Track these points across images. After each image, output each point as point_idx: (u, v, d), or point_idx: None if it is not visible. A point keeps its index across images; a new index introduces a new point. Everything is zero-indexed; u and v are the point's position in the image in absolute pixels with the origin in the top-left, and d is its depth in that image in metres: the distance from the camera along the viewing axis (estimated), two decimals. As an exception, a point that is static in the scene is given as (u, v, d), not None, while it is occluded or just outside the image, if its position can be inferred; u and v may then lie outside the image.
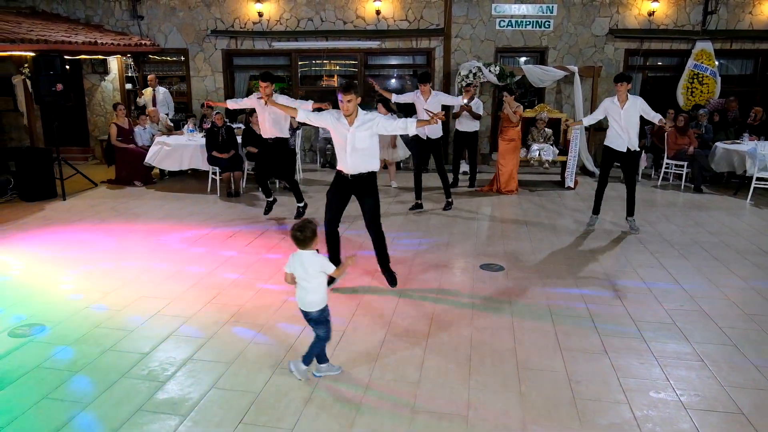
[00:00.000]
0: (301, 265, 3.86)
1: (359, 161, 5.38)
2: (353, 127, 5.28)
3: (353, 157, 5.35)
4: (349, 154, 5.34)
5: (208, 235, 7.38)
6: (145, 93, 12.16)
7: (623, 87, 7.30)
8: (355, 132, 5.27)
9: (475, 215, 8.48)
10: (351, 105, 5.18)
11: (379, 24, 12.17)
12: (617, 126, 7.41)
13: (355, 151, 5.33)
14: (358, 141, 5.30)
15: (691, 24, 11.77)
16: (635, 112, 7.33)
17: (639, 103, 7.35)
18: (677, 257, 6.64)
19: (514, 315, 5.07)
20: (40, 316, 4.96)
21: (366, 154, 5.39)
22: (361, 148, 5.33)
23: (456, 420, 3.55)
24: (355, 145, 5.31)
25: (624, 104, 7.33)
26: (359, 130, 5.28)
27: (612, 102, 7.46)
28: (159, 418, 3.55)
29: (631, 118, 7.34)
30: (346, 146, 5.33)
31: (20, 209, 8.68)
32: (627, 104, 7.32)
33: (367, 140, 5.33)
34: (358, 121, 5.29)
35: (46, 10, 12.71)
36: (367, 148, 5.37)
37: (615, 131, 7.46)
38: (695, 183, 10.16)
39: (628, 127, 7.35)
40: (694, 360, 4.32)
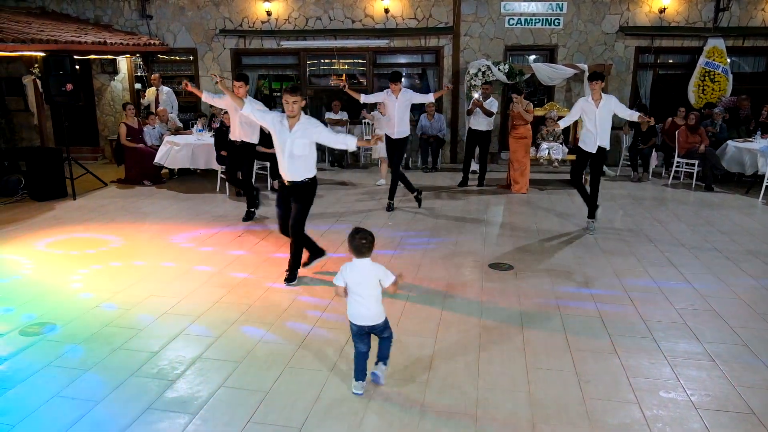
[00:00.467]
0: (360, 275, 3.69)
1: (296, 168, 5.39)
2: (293, 133, 5.30)
3: (291, 163, 5.37)
4: (286, 159, 5.36)
5: (217, 234, 7.40)
6: (148, 93, 12.18)
7: (597, 85, 7.31)
8: (294, 138, 5.29)
9: (483, 214, 8.46)
10: (296, 107, 5.24)
11: (387, 22, 12.16)
12: (590, 125, 7.42)
13: (292, 157, 5.34)
14: (297, 148, 5.31)
15: (703, 21, 11.68)
16: (609, 111, 7.37)
17: (613, 101, 7.40)
18: (688, 256, 6.59)
19: (523, 314, 5.05)
20: (51, 315, 4.99)
21: (304, 162, 5.39)
22: (299, 155, 5.34)
23: (465, 419, 3.54)
24: (294, 151, 5.32)
25: (598, 103, 7.35)
26: (299, 136, 5.29)
27: (586, 101, 7.48)
28: (168, 417, 3.57)
29: (605, 117, 7.36)
30: (284, 151, 5.34)
31: (31, 209, 8.73)
32: (601, 103, 7.34)
33: (306, 147, 5.34)
34: (298, 127, 5.30)
35: (56, 10, 12.78)
36: (306, 156, 5.38)
37: (587, 130, 7.48)
38: (706, 181, 10.09)
39: (601, 126, 7.36)
40: (704, 360, 4.28)
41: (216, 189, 9.94)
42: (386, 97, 8.34)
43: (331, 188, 10.12)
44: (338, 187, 10.19)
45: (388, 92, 8.36)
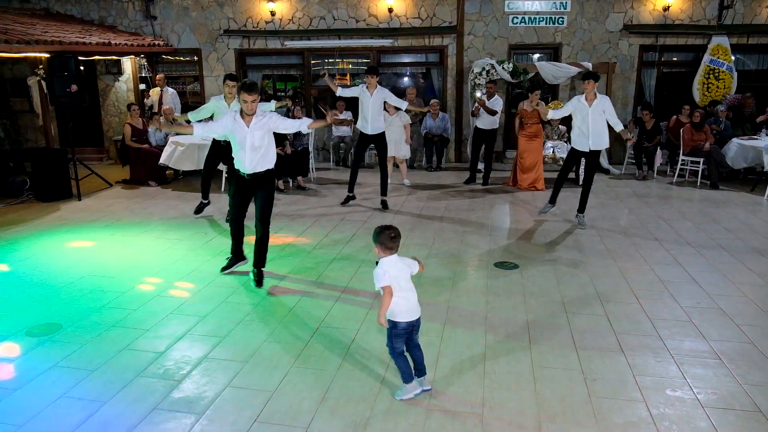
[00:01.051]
0: (398, 270, 3.63)
1: (257, 160, 5.51)
2: (251, 127, 5.42)
3: (251, 156, 5.48)
4: (247, 153, 5.47)
5: (222, 233, 7.41)
6: (152, 93, 12.19)
7: (591, 85, 7.27)
8: (252, 131, 5.42)
9: (488, 213, 8.45)
10: (254, 105, 5.36)
11: (391, 22, 12.15)
12: (582, 125, 7.38)
13: (253, 149, 5.46)
14: (257, 139, 5.45)
15: (707, 19, 11.64)
16: (602, 112, 7.30)
17: (606, 104, 7.34)
18: (693, 254, 6.58)
19: (529, 313, 5.05)
20: (57, 316, 5.01)
21: (263, 153, 5.52)
22: (258, 146, 5.47)
23: (471, 418, 3.54)
24: (254, 143, 5.45)
25: (592, 103, 7.29)
26: (256, 129, 5.43)
27: (579, 101, 7.42)
28: (175, 417, 3.58)
29: (598, 118, 7.31)
30: (245, 145, 5.45)
31: (36, 209, 8.76)
32: (595, 103, 7.28)
33: (264, 138, 5.49)
34: (255, 120, 5.44)
35: (61, 11, 12.82)
36: (265, 146, 5.51)
37: (579, 130, 7.44)
38: (711, 179, 10.06)
39: (594, 126, 7.31)
40: (711, 358, 4.27)
41: (221, 189, 9.95)
42: (361, 93, 8.38)
43: (334, 188, 10.12)
44: (342, 187, 10.17)
45: (363, 87, 8.40)
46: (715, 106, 11.08)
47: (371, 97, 8.29)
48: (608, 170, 11.45)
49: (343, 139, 12.18)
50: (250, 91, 5.29)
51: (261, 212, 5.66)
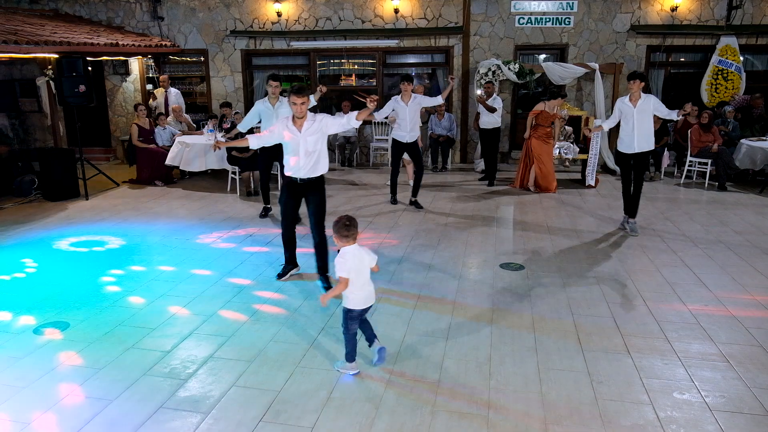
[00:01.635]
0: (358, 260, 3.86)
1: (311, 165, 5.42)
2: (303, 131, 5.32)
3: (305, 161, 5.39)
4: (302, 158, 5.37)
5: (228, 234, 7.42)
6: (157, 93, 12.19)
7: (636, 85, 7.12)
8: (306, 136, 5.32)
9: (494, 214, 8.43)
10: (304, 107, 5.26)
11: (397, 23, 12.15)
12: (628, 127, 7.25)
13: (307, 154, 5.37)
14: (310, 144, 5.35)
15: (715, 19, 11.58)
16: (649, 112, 7.17)
17: (652, 101, 7.19)
18: (701, 256, 6.54)
19: (535, 314, 5.03)
20: (63, 315, 5.03)
21: (318, 158, 5.43)
22: (312, 150, 5.37)
23: (476, 420, 3.53)
24: (308, 148, 5.35)
25: (637, 103, 7.17)
26: (309, 133, 5.33)
27: (623, 102, 7.30)
28: (181, 416, 3.58)
29: (644, 118, 7.17)
30: (299, 150, 5.36)
31: (44, 208, 8.80)
32: (640, 103, 7.15)
33: (318, 143, 5.38)
34: (307, 125, 5.33)
35: (69, 12, 12.87)
36: (319, 151, 5.42)
37: (626, 132, 7.29)
38: (719, 180, 10.00)
39: (640, 127, 7.18)
40: (719, 360, 4.25)
41: (227, 189, 9.97)
42: (396, 105, 8.36)
43: (341, 188, 10.12)
44: (348, 187, 10.19)
45: (396, 99, 8.37)
46: (723, 107, 11.02)
47: (408, 106, 8.26)
48: (615, 171, 11.41)
49: (349, 140, 12.19)
50: (299, 93, 5.18)
51: (315, 218, 5.54)
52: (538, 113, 9.66)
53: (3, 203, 9.05)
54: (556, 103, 9.59)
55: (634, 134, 7.21)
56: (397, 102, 8.38)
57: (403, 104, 8.30)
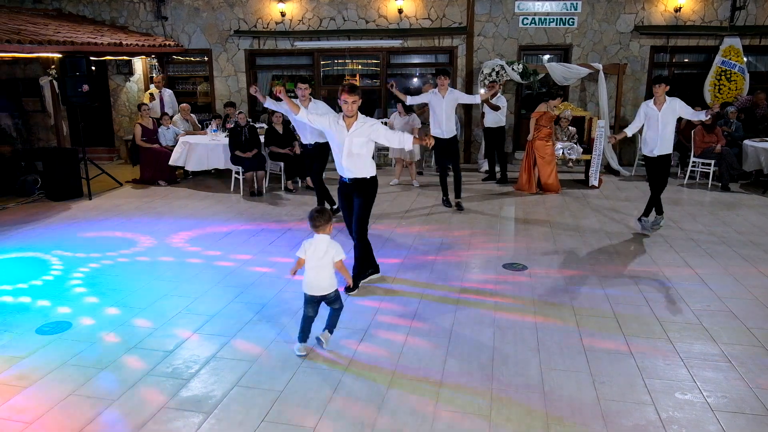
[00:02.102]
0: (319, 249, 4.24)
1: (354, 167, 5.36)
2: (351, 132, 5.26)
3: (348, 162, 5.34)
4: (344, 158, 5.34)
5: (232, 234, 7.43)
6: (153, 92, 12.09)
7: (661, 89, 7.05)
8: (351, 137, 5.26)
9: (497, 214, 8.43)
10: (355, 106, 5.19)
11: (401, 23, 12.15)
12: (652, 131, 7.18)
13: (350, 156, 5.31)
14: (355, 146, 5.28)
15: (719, 20, 11.56)
16: (673, 116, 7.11)
17: (677, 104, 7.11)
18: (704, 257, 6.53)
19: (537, 315, 5.03)
20: (66, 314, 5.04)
21: (361, 160, 5.35)
22: (356, 153, 5.31)
23: (478, 420, 3.53)
24: (351, 150, 5.29)
25: (662, 107, 7.10)
26: (356, 135, 5.26)
27: (648, 106, 7.23)
28: (183, 416, 3.59)
29: (668, 122, 7.11)
30: (343, 150, 5.32)
31: (47, 208, 8.82)
32: (665, 107, 7.09)
33: (364, 146, 5.30)
34: (356, 126, 5.27)
35: (73, 12, 12.90)
36: (364, 155, 5.34)
37: (650, 135, 7.23)
38: (722, 181, 9.99)
39: (663, 131, 7.11)
40: (721, 361, 4.24)
41: (230, 189, 9.98)
42: (432, 97, 8.27)
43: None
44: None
45: (434, 92, 8.29)
46: (726, 108, 10.99)
47: (444, 99, 8.17)
48: (618, 172, 11.40)
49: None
50: (351, 92, 5.12)
51: (356, 216, 5.46)
52: (541, 115, 9.63)
53: (6, 203, 9.08)
54: (556, 102, 9.57)
55: (658, 138, 7.16)
56: (434, 94, 8.26)
57: (440, 97, 8.19)
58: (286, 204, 9.05)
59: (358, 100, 5.18)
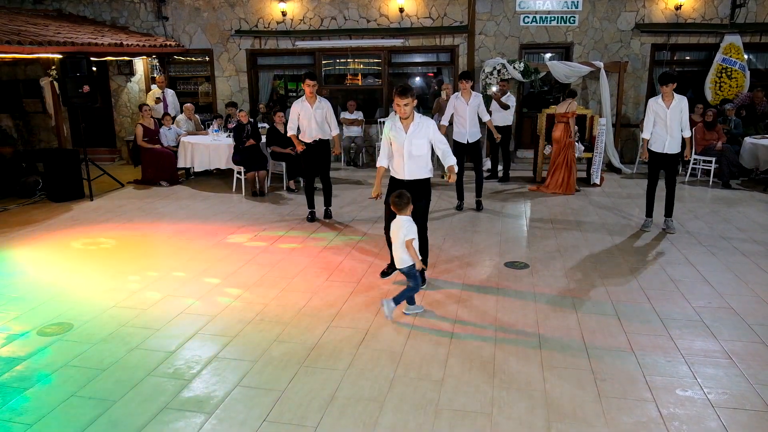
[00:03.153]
0: (397, 228, 4.80)
1: (416, 167, 5.35)
2: (409, 134, 5.27)
3: (410, 163, 5.33)
4: (406, 160, 5.32)
5: (233, 234, 7.44)
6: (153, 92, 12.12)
7: (669, 88, 7.02)
8: (411, 139, 5.27)
9: (499, 212, 8.43)
10: (408, 109, 5.18)
11: (402, 22, 12.15)
12: (660, 128, 7.16)
13: (411, 158, 5.31)
14: (415, 148, 5.29)
15: (720, 17, 11.54)
16: (679, 113, 7.08)
17: (684, 105, 7.10)
18: (705, 254, 6.53)
19: (539, 313, 5.03)
20: (68, 315, 5.05)
21: (422, 161, 5.37)
22: (417, 154, 5.32)
23: (480, 418, 3.54)
24: (412, 151, 5.29)
25: (670, 103, 7.07)
26: (415, 137, 5.27)
27: (656, 102, 7.19)
28: (184, 416, 3.60)
29: (676, 118, 7.09)
30: (403, 153, 5.30)
31: (48, 209, 8.83)
32: (673, 104, 7.07)
33: (423, 147, 5.32)
34: (414, 127, 5.28)
35: (73, 12, 12.91)
36: (424, 155, 5.35)
37: (657, 132, 7.21)
38: (723, 179, 9.98)
39: (672, 127, 7.10)
40: (722, 358, 4.24)
41: (232, 189, 9.99)
42: (456, 102, 8.20)
43: (346, 187, 10.14)
44: (354, 187, 10.20)
45: (456, 96, 8.23)
46: (725, 105, 10.97)
47: (468, 105, 8.12)
48: (620, 169, 11.39)
49: (354, 140, 12.19)
50: (402, 95, 5.10)
51: (421, 221, 5.39)
52: (575, 114, 9.54)
53: (7, 204, 9.10)
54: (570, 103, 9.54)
55: (666, 135, 7.15)
56: (457, 99, 8.21)
57: (464, 101, 8.14)
58: (288, 204, 9.05)
59: (411, 101, 5.17)
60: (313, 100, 7.64)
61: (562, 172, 9.66)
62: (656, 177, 7.47)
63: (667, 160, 7.28)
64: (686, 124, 7.16)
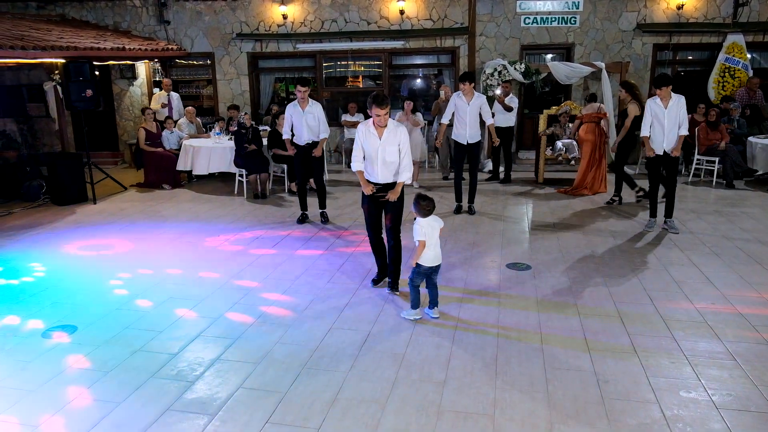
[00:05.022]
0: (432, 228, 4.81)
1: (389, 172, 5.40)
2: (383, 140, 5.30)
3: (384, 169, 5.37)
4: (379, 165, 5.36)
5: (235, 236, 7.45)
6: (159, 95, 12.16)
7: (665, 91, 6.98)
8: (384, 146, 5.30)
9: (500, 214, 8.42)
10: (386, 118, 5.24)
11: (403, 24, 12.16)
12: (658, 128, 7.14)
13: (385, 164, 5.35)
14: (389, 155, 5.32)
15: (722, 17, 11.53)
16: (677, 112, 7.05)
17: (682, 102, 7.07)
18: (708, 254, 6.51)
19: (541, 314, 5.02)
20: (72, 318, 5.06)
21: (395, 167, 5.39)
22: (391, 161, 5.35)
23: (482, 420, 3.53)
24: (386, 158, 5.33)
25: (668, 103, 7.04)
26: (388, 143, 5.30)
27: (654, 102, 7.15)
28: (188, 418, 3.60)
29: (674, 118, 7.06)
30: (377, 158, 5.34)
31: (52, 213, 8.86)
32: (671, 104, 7.03)
33: (396, 153, 5.35)
34: (387, 134, 5.30)
35: (76, 17, 12.96)
36: (397, 161, 5.37)
37: (655, 132, 7.18)
38: (727, 179, 9.95)
39: (670, 127, 7.07)
40: (726, 359, 4.23)
41: (234, 192, 10.00)
42: (457, 101, 8.11)
43: (347, 189, 10.15)
44: (355, 188, 10.19)
45: (458, 95, 8.14)
46: (727, 102, 10.91)
47: (468, 105, 8.03)
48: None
49: (356, 142, 12.18)
50: (382, 104, 5.13)
51: (391, 224, 5.46)
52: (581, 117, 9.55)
53: (11, 208, 9.12)
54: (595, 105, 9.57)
55: (664, 136, 7.12)
56: (459, 98, 8.11)
57: (465, 101, 8.05)
58: (289, 206, 9.06)
59: (389, 110, 5.24)
60: (305, 104, 7.71)
61: (593, 172, 9.64)
62: (658, 178, 7.46)
63: (669, 161, 7.26)
64: (684, 121, 7.13)
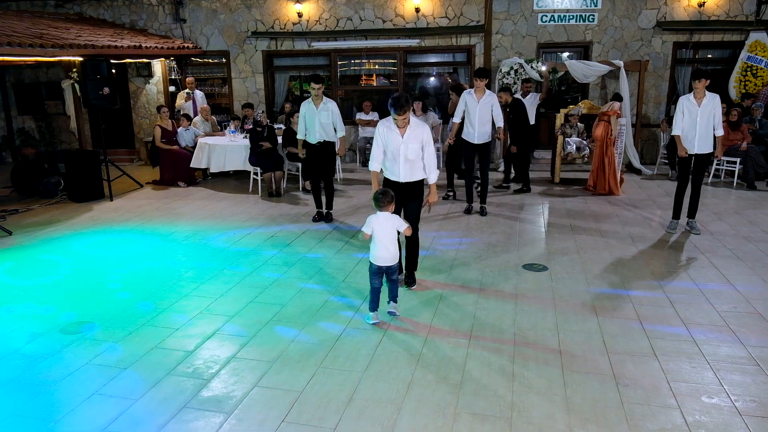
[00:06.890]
0: (381, 224, 4.68)
1: (411, 170, 5.41)
2: (405, 138, 5.30)
3: (405, 167, 5.38)
4: (401, 163, 5.36)
5: (250, 234, 7.45)
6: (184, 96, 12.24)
7: (702, 84, 6.83)
8: (407, 144, 5.30)
9: (516, 214, 8.36)
10: (407, 121, 5.24)
11: (418, 22, 12.12)
12: (690, 127, 6.98)
13: (407, 161, 5.36)
14: (411, 152, 5.33)
15: (744, 14, 11.36)
16: (711, 111, 6.89)
17: (717, 102, 6.92)
18: (730, 257, 6.41)
19: (559, 316, 4.97)
20: (90, 314, 5.08)
21: (418, 164, 5.41)
22: (413, 158, 5.36)
23: (499, 422, 3.49)
24: (408, 156, 5.33)
25: (701, 102, 6.90)
26: (411, 141, 5.30)
27: (688, 100, 7.00)
28: (204, 416, 3.59)
29: (708, 117, 6.90)
30: (399, 156, 5.35)
31: (70, 209, 8.92)
32: (705, 102, 6.89)
33: (418, 151, 5.36)
34: (409, 132, 5.30)
35: (93, 15, 13.05)
36: (419, 159, 5.39)
37: (687, 130, 7.02)
38: (748, 180, 9.81)
39: (701, 127, 6.92)
40: (749, 364, 4.15)
41: (249, 190, 10.02)
42: (467, 98, 8.00)
43: (361, 188, 10.13)
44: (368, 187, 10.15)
45: (469, 92, 8.03)
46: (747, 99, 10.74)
47: (479, 102, 7.91)
48: (640, 170, 11.26)
49: (369, 141, 12.17)
50: (402, 110, 5.10)
51: (410, 218, 5.44)
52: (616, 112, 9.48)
53: (30, 204, 9.21)
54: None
55: (696, 133, 6.97)
56: (469, 95, 7.99)
57: (475, 99, 7.93)
58: (304, 204, 9.05)
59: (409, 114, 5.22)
60: (319, 101, 7.70)
61: (606, 172, 9.53)
62: (687, 178, 7.28)
63: (698, 160, 7.13)
64: (719, 122, 6.98)
